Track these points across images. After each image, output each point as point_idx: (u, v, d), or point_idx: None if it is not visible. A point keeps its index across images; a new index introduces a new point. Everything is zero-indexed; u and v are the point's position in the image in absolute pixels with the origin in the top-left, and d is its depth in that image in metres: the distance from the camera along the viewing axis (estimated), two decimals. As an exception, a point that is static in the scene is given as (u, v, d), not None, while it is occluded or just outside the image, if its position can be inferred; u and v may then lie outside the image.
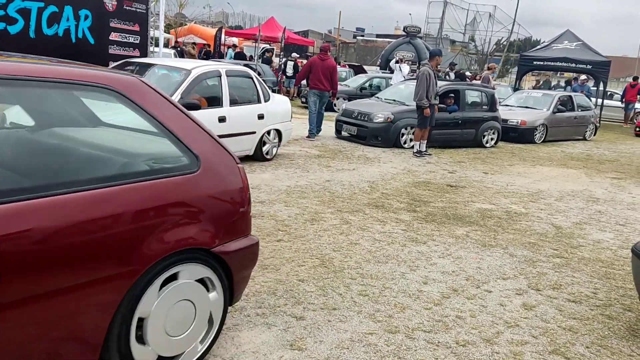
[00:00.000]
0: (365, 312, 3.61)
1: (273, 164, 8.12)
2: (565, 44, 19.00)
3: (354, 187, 7.11)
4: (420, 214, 6.04)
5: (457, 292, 4.03)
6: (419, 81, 9.65)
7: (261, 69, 18.42)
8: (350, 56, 52.74)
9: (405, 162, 9.25)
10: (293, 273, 4.16)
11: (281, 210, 5.77)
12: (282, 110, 8.51)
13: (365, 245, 4.91)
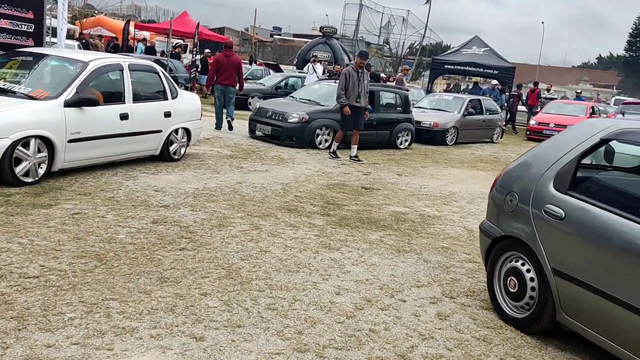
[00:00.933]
0: (273, 328, 3.32)
1: (181, 165, 7.62)
2: (474, 49, 19.79)
3: (266, 189, 6.80)
4: (334, 218, 5.85)
5: (371, 303, 3.84)
6: (339, 80, 9.62)
7: (173, 65, 17.62)
8: (267, 55, 52.29)
9: (320, 163, 9.07)
10: (195, 286, 3.79)
11: (186, 215, 5.35)
12: (192, 108, 8.02)
13: (275, 252, 4.62)
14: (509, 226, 3.77)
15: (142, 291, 3.61)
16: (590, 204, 3.27)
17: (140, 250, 4.32)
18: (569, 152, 3.53)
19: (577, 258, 3.27)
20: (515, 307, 3.72)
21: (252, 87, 17.21)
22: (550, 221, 3.43)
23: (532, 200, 3.61)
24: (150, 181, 6.53)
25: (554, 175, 3.54)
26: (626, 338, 2.97)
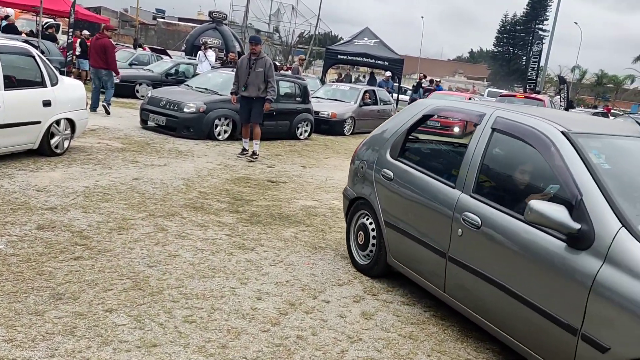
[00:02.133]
0: (193, 344, 3.01)
1: (65, 160, 6.86)
2: (365, 40, 20.21)
3: (167, 185, 6.32)
4: (244, 215, 5.56)
5: (295, 306, 3.64)
6: (273, 72, 8.66)
7: (45, 47, 15.98)
8: (151, 39, 49.72)
9: (221, 155, 8.66)
10: (98, 301, 3.34)
11: (78, 218, 4.77)
12: (75, 96, 7.23)
13: (186, 256, 4.25)
14: (360, 189, 4.53)
15: (32, 312, 3.11)
16: (409, 166, 4.05)
17: (26, 263, 3.74)
18: (402, 126, 4.31)
19: (399, 210, 4.04)
20: (362, 255, 4.45)
21: (140, 73, 16.15)
22: (384, 182, 4.19)
23: (374, 166, 4.36)
24: (29, 179, 5.77)
25: (390, 145, 4.31)
26: (425, 269, 3.77)
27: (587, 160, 2.92)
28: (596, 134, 3.29)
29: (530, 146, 3.19)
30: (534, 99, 16.48)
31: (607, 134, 3.41)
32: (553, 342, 2.74)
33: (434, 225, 3.62)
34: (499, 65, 74.12)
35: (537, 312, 2.81)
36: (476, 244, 3.25)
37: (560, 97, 21.86)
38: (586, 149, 3.00)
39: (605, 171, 2.92)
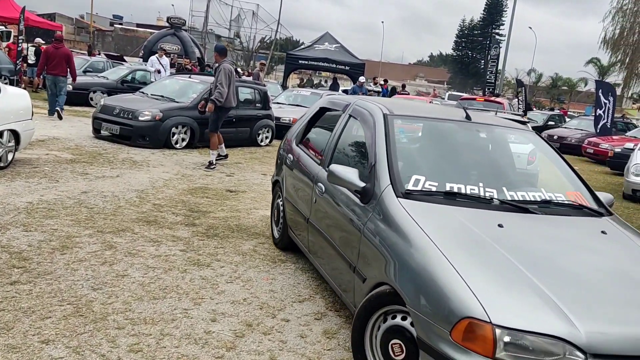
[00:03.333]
0: (139, 377, 2.75)
1: (8, 174, 6.44)
2: (326, 45, 20.12)
3: (118, 198, 5.99)
4: (200, 228, 5.29)
5: (252, 327, 3.42)
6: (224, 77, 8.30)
7: (-7, 54, 15.28)
8: (108, 45, 48.64)
9: (178, 165, 8.34)
10: (34, 332, 3.04)
11: (18, 238, 4.42)
12: (19, 105, 6.82)
13: (135, 276, 3.97)
14: (277, 174, 5.28)
15: (-43, 348, 2.79)
16: (302, 150, 4.73)
17: (-45, 290, 3.40)
18: (306, 118, 5.10)
19: (291, 187, 4.70)
20: (276, 230, 5.07)
21: (94, 80, 15.60)
22: (287, 165, 4.85)
23: (285, 152, 5.02)
24: (-33, 196, 5.37)
25: (295, 134, 5.09)
26: (301, 235, 4.37)
27: (389, 135, 3.54)
28: (411, 116, 4.02)
29: (365, 125, 3.83)
30: (493, 102, 16.71)
31: (422, 116, 4.06)
32: (347, 279, 3.32)
33: (304, 196, 4.29)
34: (458, 68, 75.49)
35: (341, 258, 3.40)
36: (319, 208, 3.92)
37: (518, 99, 22.28)
38: (394, 127, 3.64)
39: (401, 145, 3.63)
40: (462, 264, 2.49)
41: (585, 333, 2.22)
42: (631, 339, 2.26)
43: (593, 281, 2.60)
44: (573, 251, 2.90)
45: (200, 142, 10.08)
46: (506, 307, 2.29)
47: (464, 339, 2.26)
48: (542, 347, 2.20)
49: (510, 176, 3.75)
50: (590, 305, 2.39)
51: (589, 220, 3.33)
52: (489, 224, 2.90)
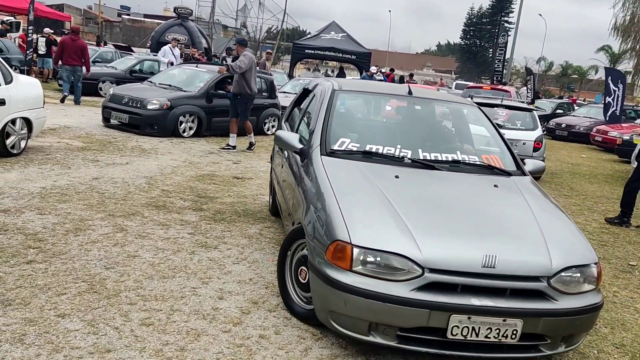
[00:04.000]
0: (150, 348, 2.90)
1: (22, 160, 6.61)
2: (332, 34, 20.13)
3: (128, 184, 6.14)
4: (207, 213, 5.44)
5: (258, 305, 3.56)
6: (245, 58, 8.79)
7: (4, 45, 15.46)
8: (116, 36, 48.72)
9: (186, 152, 8.49)
10: (50, 306, 3.20)
11: (33, 220, 4.59)
12: (31, 94, 6.98)
13: (146, 257, 4.12)
14: (272, 150, 5.69)
15: (-21, 321, 2.96)
16: (285, 125, 5.31)
17: (-26, 269, 3.57)
18: (293, 100, 5.60)
19: (275, 158, 5.13)
20: (269, 198, 5.72)
21: (103, 70, 15.75)
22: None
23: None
24: (-18, 182, 5.54)
25: (286, 113, 5.70)
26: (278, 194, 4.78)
27: (330, 106, 4.20)
28: (357, 91, 4.84)
29: (319, 99, 4.43)
30: (500, 90, 16.70)
31: (367, 91, 4.98)
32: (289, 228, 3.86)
33: (278, 164, 4.86)
34: (467, 57, 74.98)
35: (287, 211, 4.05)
36: (283, 172, 4.47)
37: (527, 88, 22.21)
38: (338, 100, 4.31)
39: (337, 113, 4.24)
40: (346, 204, 3.14)
41: (424, 253, 2.86)
42: (459, 259, 2.88)
43: (450, 216, 3.24)
44: (451, 195, 3.52)
45: (207, 130, 10.22)
46: (367, 233, 2.95)
47: (333, 257, 2.95)
48: (390, 263, 2.87)
49: (432, 141, 4.21)
50: (435, 233, 3.04)
51: (491, 177, 3.85)
52: (387, 175, 3.56)
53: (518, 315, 2.84)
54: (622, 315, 4.13)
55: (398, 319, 2.82)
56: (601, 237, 6.35)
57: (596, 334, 3.76)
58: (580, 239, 3.29)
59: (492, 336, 2.84)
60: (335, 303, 2.93)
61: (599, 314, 3.23)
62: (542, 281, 2.93)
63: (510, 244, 3.07)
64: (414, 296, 2.79)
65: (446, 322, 2.79)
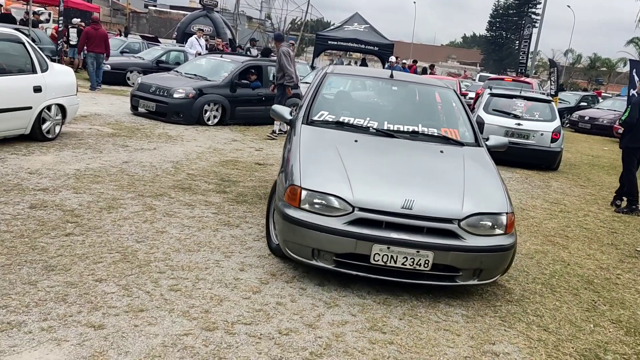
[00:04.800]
0: (178, 309, 3.21)
1: (57, 145, 7.01)
2: (355, 26, 20.22)
3: (156, 168, 6.49)
4: (230, 195, 5.75)
5: (276, 277, 3.85)
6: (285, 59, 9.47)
7: (36, 35, 16.00)
8: (143, 27, 49.43)
9: (210, 140, 8.83)
10: (88, 272, 3.54)
11: (69, 198, 4.95)
12: (65, 82, 7.37)
13: (173, 232, 4.45)
14: None
15: (26, 282, 3.30)
16: None
17: (19, 238, 3.93)
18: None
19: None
20: None
21: (130, 60, 16.22)
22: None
23: None
24: (22, 163, 5.94)
25: None
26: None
27: (320, 85, 5.03)
28: (345, 74, 5.83)
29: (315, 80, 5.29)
30: (523, 82, 16.68)
31: (355, 75, 5.97)
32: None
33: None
34: (492, 49, 74.10)
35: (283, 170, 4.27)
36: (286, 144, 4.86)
37: (550, 80, 22.04)
38: (327, 80, 5.14)
39: (324, 92, 5.05)
40: (305, 159, 3.98)
41: (355, 195, 3.64)
42: (382, 201, 3.64)
43: (386, 170, 4.00)
44: (396, 156, 4.29)
45: (231, 119, 10.54)
46: (314, 179, 3.78)
47: (288, 198, 3.78)
48: (328, 202, 3.67)
49: (399, 116, 4.91)
50: (368, 181, 3.81)
51: (443, 146, 4.52)
52: (348, 140, 4.37)
53: (429, 248, 3.56)
54: (622, 295, 4.32)
55: (333, 245, 3.60)
56: (612, 225, 6.49)
57: (595, 311, 3.96)
58: (499, 194, 3.96)
59: (407, 264, 3.58)
60: (288, 233, 3.75)
61: (510, 255, 3.87)
62: (454, 223, 3.64)
63: (430, 192, 3.83)
64: (345, 228, 3.57)
65: (369, 250, 3.56)
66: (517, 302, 3.98)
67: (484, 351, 3.21)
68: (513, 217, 3.86)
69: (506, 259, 3.85)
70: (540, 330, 3.57)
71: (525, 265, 4.80)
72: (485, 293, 4.05)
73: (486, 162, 4.42)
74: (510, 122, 9.79)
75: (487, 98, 10.34)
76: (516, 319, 3.70)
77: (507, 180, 8.62)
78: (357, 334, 3.21)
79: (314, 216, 3.65)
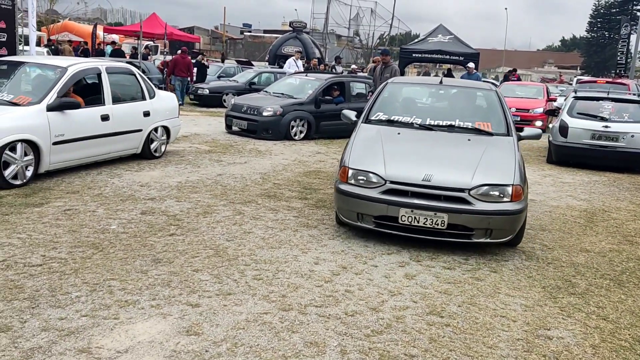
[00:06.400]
0: (259, 294, 3.75)
1: (162, 162, 7.97)
2: (439, 37, 20.36)
3: (246, 179, 7.20)
4: (311, 201, 6.28)
5: (346, 269, 4.29)
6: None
7: (145, 66, 17.76)
8: (239, 52, 52.31)
9: (296, 153, 9.48)
10: (187, 264, 4.19)
11: (172, 206, 5.72)
12: (169, 106, 8.35)
13: (258, 233, 5.04)
14: None
15: (139, 271, 4.00)
16: None
17: (133, 238, 4.69)
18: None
19: None
20: None
21: (226, 84, 17.50)
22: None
23: None
24: (134, 177, 6.87)
25: None
26: None
27: (380, 93, 6.27)
28: (403, 83, 7.22)
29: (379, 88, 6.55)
30: (618, 83, 15.90)
31: (410, 82, 7.74)
32: None
33: None
34: (594, 51, 69.80)
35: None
36: None
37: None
38: (387, 88, 6.38)
39: (383, 97, 6.21)
40: (355, 148, 5.23)
41: (387, 172, 4.79)
42: (407, 176, 4.75)
43: (416, 154, 5.18)
44: (429, 144, 5.38)
45: (316, 133, 11.18)
46: (358, 161, 4.99)
47: (340, 176, 5.01)
48: (368, 177, 4.83)
49: (441, 113, 6.02)
50: (398, 161, 4.94)
51: (474, 136, 5.48)
52: (393, 133, 5.53)
53: (444, 211, 4.58)
54: (695, 291, 4.26)
55: (371, 210, 4.75)
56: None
57: None
58: (509, 170, 4.81)
59: (427, 223, 4.60)
60: (340, 202, 4.97)
61: (517, 219, 4.71)
62: (464, 192, 4.62)
63: (447, 168, 4.84)
64: (380, 196, 4.71)
65: (397, 213, 4.65)
66: (580, 295, 4.11)
67: (538, 335, 3.43)
68: (520, 189, 4.72)
69: (513, 222, 4.69)
70: (599, 320, 3.70)
71: (596, 262, 4.86)
72: (548, 287, 4.22)
73: (508, 147, 5.27)
74: (597, 125, 9.54)
75: (571, 101, 10.15)
76: (576, 309, 3.85)
77: (592, 184, 8.45)
78: (416, 317, 3.56)
79: (358, 188, 4.82)
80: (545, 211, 6.57)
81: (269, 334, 3.22)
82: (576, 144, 9.59)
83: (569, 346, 3.33)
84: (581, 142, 9.56)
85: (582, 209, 6.81)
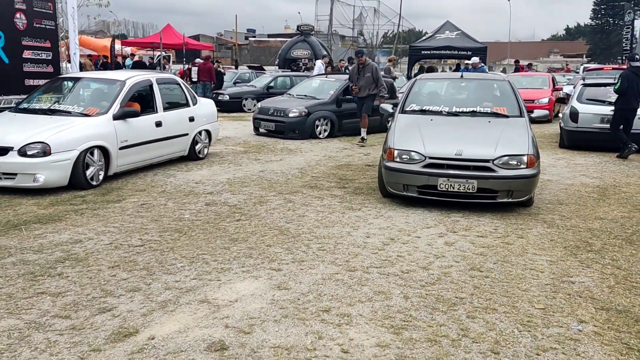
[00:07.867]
0: (327, 260, 4.50)
1: (207, 162, 8.74)
2: (447, 33, 21.04)
3: (286, 174, 7.96)
4: (349, 189, 7.03)
5: (394, 240, 5.03)
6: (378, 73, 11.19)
7: (168, 76, 18.59)
8: (245, 57, 53.13)
9: (324, 150, 10.24)
10: (260, 242, 4.95)
11: (230, 198, 6.49)
12: (209, 111, 9.14)
13: (311, 216, 5.79)
14: None
15: (222, 248, 4.77)
16: None
17: (207, 224, 5.46)
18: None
19: None
20: None
21: (245, 89, 18.31)
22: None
23: None
24: (187, 176, 7.65)
25: None
26: None
27: (411, 88, 7.62)
28: (429, 78, 8.66)
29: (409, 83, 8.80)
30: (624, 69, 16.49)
31: (434, 77, 9.13)
32: None
33: None
34: (599, 39, 69.95)
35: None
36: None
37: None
38: (416, 83, 7.83)
39: (414, 92, 7.47)
40: (397, 133, 6.45)
41: (426, 150, 6.02)
42: (442, 152, 5.98)
43: (447, 135, 6.37)
44: (456, 127, 6.60)
45: (339, 131, 11.93)
46: (401, 143, 6.22)
47: (387, 156, 6.23)
48: (411, 155, 6.06)
49: (464, 101, 7.29)
50: (434, 141, 6.17)
51: (493, 118, 6.74)
52: (426, 120, 6.79)
53: (473, 178, 5.79)
54: None
55: (415, 181, 6.01)
56: None
57: None
58: (523, 143, 6.02)
59: (461, 189, 5.80)
60: (388, 177, 6.20)
61: (532, 182, 5.90)
62: (489, 162, 5.82)
63: (474, 144, 6.04)
64: (421, 169, 5.95)
65: (436, 182, 5.87)
66: (596, 251, 4.83)
67: (563, 281, 4.16)
68: (534, 157, 5.91)
69: (530, 184, 5.88)
70: (613, 268, 4.42)
71: (609, 227, 5.57)
72: (568, 247, 4.94)
73: (522, 126, 6.50)
74: (605, 109, 10.20)
75: (580, 89, 10.83)
76: (594, 262, 4.57)
77: (603, 164, 9.14)
78: (460, 272, 4.30)
79: (403, 164, 6.07)
80: (562, 189, 7.28)
81: (344, 287, 3.97)
82: (586, 128, 10.28)
83: (589, 287, 4.05)
84: (591, 127, 10.24)
85: (595, 185, 7.51)
